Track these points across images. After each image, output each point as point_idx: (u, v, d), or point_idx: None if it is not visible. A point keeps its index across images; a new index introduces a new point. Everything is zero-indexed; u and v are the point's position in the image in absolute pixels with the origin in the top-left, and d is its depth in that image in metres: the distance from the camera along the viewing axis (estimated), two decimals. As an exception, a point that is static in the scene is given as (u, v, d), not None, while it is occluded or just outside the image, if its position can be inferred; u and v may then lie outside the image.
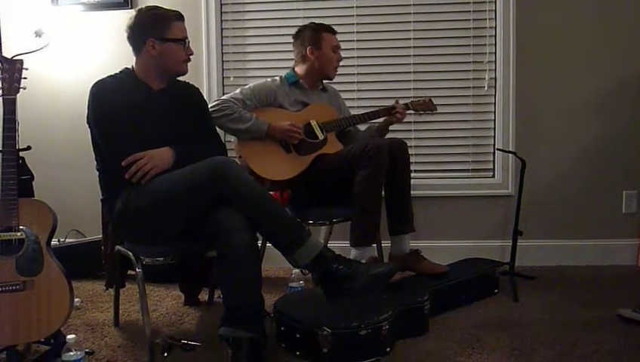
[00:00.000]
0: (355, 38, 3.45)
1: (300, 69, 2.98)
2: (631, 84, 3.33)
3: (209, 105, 2.68)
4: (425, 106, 3.13)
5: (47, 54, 3.23)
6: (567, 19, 3.34)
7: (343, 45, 3.02)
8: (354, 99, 3.45)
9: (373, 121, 3.03)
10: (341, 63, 3.01)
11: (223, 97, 2.84)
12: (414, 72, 3.45)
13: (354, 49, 3.44)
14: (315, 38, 2.92)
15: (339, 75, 3.04)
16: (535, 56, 3.36)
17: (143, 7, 2.42)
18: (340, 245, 2.78)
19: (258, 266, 2.18)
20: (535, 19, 3.35)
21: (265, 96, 2.87)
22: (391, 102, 3.05)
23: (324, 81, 3.06)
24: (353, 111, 3.13)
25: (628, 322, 2.45)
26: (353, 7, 3.45)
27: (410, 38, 3.44)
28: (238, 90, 2.86)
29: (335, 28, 2.99)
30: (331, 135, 2.92)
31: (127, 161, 2.20)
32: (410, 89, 3.43)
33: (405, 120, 3.00)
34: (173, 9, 2.40)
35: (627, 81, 3.33)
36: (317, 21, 3.02)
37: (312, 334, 2.09)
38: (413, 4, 3.42)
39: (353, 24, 3.44)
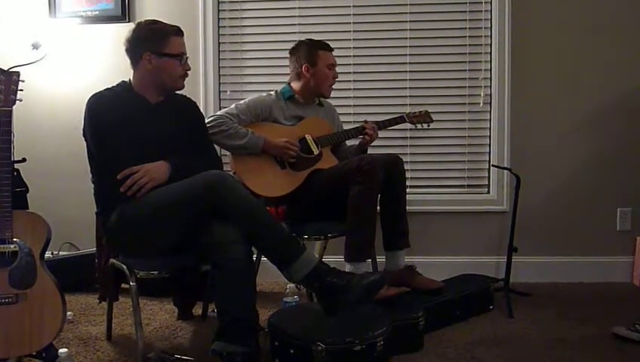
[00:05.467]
0: (352, 54, 3.46)
1: (295, 85, 2.97)
2: (625, 101, 3.35)
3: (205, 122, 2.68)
4: (421, 118, 3.13)
5: (44, 66, 3.26)
6: (562, 37, 3.37)
7: (339, 60, 3.02)
8: (350, 113, 3.46)
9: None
10: (338, 77, 3.01)
11: (218, 113, 2.83)
12: (410, 88, 3.47)
13: (350, 64, 3.45)
14: (310, 55, 2.91)
15: (335, 89, 3.04)
16: (530, 73, 3.39)
17: (143, 20, 2.42)
18: (334, 260, 2.77)
19: (253, 280, 2.18)
20: (531, 36, 3.37)
21: (260, 111, 2.86)
22: (388, 117, 3.07)
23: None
24: (349, 127, 3.13)
25: (622, 340, 2.44)
26: (350, 22, 3.47)
27: (406, 54, 3.46)
28: (233, 106, 2.86)
29: (332, 42, 3.00)
30: (326, 150, 2.92)
31: (123, 174, 2.19)
32: (406, 105, 3.43)
33: (401, 135, 2.98)
34: (172, 24, 2.39)
35: (621, 99, 3.36)
36: (313, 36, 3.03)
37: (306, 349, 2.09)
38: (410, 21, 3.44)
39: (350, 39, 3.46)
